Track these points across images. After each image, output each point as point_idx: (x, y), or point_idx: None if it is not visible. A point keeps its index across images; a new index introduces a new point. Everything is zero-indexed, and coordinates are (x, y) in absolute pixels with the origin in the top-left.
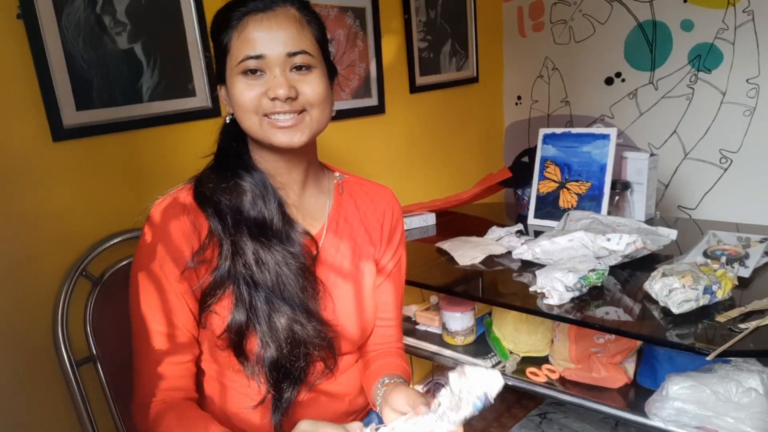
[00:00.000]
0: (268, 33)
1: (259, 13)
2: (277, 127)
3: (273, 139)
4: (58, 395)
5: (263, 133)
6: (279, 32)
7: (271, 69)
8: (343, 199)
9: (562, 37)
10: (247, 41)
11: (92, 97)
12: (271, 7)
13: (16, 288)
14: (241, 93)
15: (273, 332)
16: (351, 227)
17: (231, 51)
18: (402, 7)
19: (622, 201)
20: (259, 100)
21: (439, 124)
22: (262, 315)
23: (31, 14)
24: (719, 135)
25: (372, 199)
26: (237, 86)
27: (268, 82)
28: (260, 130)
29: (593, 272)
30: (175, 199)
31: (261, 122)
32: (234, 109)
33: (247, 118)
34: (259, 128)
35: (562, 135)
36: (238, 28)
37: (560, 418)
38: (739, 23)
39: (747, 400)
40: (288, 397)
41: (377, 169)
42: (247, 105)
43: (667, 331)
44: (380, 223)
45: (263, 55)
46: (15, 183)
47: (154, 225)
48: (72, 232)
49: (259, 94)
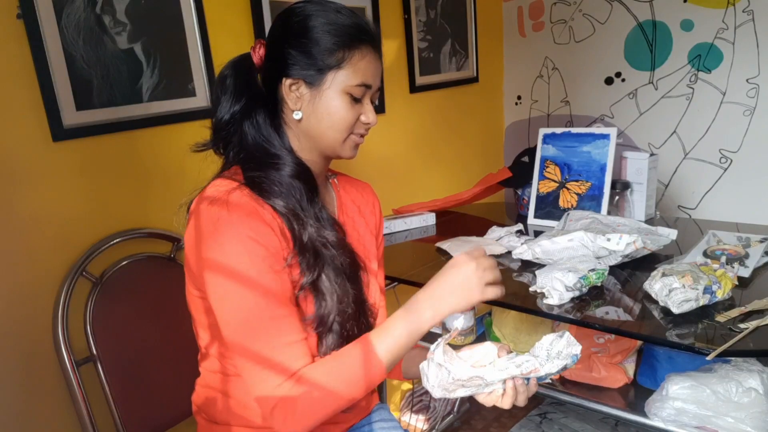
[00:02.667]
0: (377, 68)
1: (375, 46)
2: (355, 144)
3: (346, 154)
4: (58, 395)
5: (340, 147)
6: (380, 68)
7: (366, 96)
8: (342, 195)
9: (562, 37)
10: (368, 70)
11: (92, 97)
12: (377, 43)
13: (16, 288)
14: (345, 112)
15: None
16: (354, 221)
17: (345, 68)
18: (402, 7)
19: (622, 201)
20: (355, 121)
21: (439, 123)
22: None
23: (31, 14)
24: (719, 135)
25: (361, 193)
26: (339, 103)
27: (364, 108)
28: (339, 144)
29: (593, 272)
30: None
31: (346, 139)
32: (320, 117)
33: (336, 132)
34: (340, 143)
35: (562, 135)
36: (363, 50)
37: (560, 418)
38: (739, 23)
39: (747, 400)
40: None
41: (377, 169)
42: (346, 124)
43: (667, 330)
44: (373, 215)
45: (371, 86)
46: (15, 183)
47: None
48: (72, 232)
49: (356, 117)
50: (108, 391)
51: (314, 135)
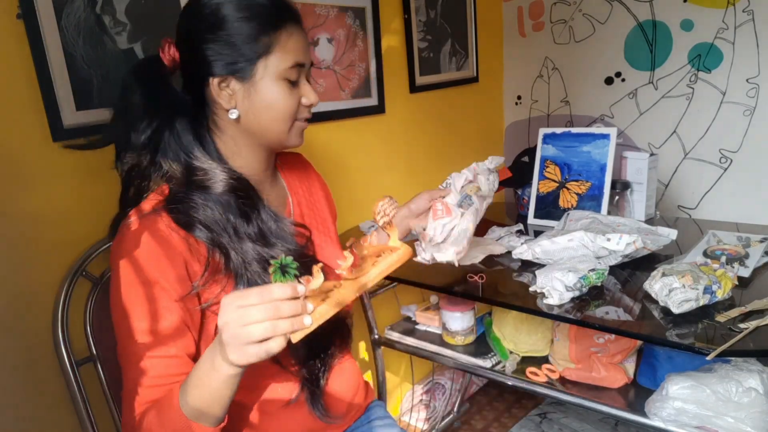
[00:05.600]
0: (305, 44)
1: (298, 23)
2: (301, 130)
3: (293, 142)
4: (58, 395)
5: (286, 137)
6: (308, 44)
7: (302, 77)
8: (288, 177)
9: (562, 37)
10: (298, 48)
11: (92, 97)
12: (299, 21)
13: (16, 288)
14: (286, 99)
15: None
16: (308, 200)
17: (275, 52)
18: (402, 7)
19: (622, 201)
20: (297, 107)
21: (439, 123)
22: None
23: (31, 14)
24: (719, 135)
25: (299, 167)
26: (277, 91)
27: (302, 89)
28: (285, 134)
29: (593, 272)
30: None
31: (292, 128)
32: (258, 111)
33: (281, 123)
34: (285, 133)
35: (562, 135)
36: (288, 29)
37: (560, 418)
38: (739, 23)
39: (747, 400)
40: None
41: (377, 169)
42: (287, 111)
43: (667, 330)
44: (318, 183)
45: (305, 64)
46: (15, 183)
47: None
48: (72, 232)
49: (297, 102)
50: (108, 391)
51: (256, 131)
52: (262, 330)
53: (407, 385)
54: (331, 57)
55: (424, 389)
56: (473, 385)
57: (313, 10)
